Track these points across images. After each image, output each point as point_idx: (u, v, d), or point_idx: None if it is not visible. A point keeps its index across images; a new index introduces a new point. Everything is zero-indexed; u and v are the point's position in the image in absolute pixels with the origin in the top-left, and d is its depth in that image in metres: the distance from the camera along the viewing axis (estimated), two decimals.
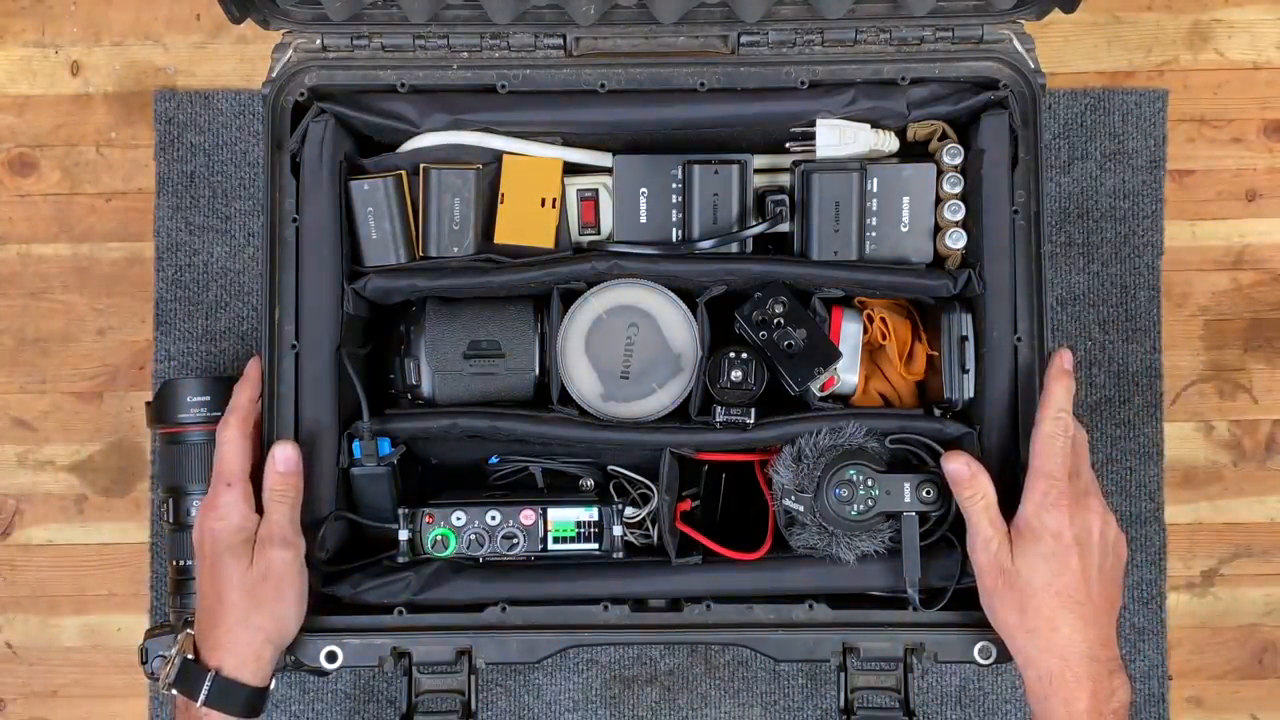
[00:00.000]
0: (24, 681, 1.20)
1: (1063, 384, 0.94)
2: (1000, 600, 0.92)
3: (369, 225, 1.02)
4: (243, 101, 1.20)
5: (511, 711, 1.19)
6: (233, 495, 0.94)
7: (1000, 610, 0.92)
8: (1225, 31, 1.21)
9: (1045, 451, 0.93)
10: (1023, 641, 0.91)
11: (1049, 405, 0.94)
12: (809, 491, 0.98)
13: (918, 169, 1.02)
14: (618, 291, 1.03)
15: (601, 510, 1.00)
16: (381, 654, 0.97)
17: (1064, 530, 0.91)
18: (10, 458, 1.21)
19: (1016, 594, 0.91)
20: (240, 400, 0.97)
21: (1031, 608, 0.90)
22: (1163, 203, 1.20)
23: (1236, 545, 1.20)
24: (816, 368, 1.01)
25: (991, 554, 0.92)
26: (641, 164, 1.03)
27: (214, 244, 1.20)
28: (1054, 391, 0.94)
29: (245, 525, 0.94)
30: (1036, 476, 0.93)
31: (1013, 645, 0.92)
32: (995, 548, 0.92)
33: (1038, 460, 0.93)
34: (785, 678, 1.19)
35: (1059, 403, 0.94)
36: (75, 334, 1.21)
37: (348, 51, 1.01)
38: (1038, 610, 0.90)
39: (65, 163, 1.21)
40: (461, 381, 1.03)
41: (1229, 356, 1.21)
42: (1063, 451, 0.92)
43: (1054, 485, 0.92)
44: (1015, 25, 1.00)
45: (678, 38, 1.01)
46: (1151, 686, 1.19)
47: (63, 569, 1.20)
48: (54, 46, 1.22)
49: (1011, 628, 0.91)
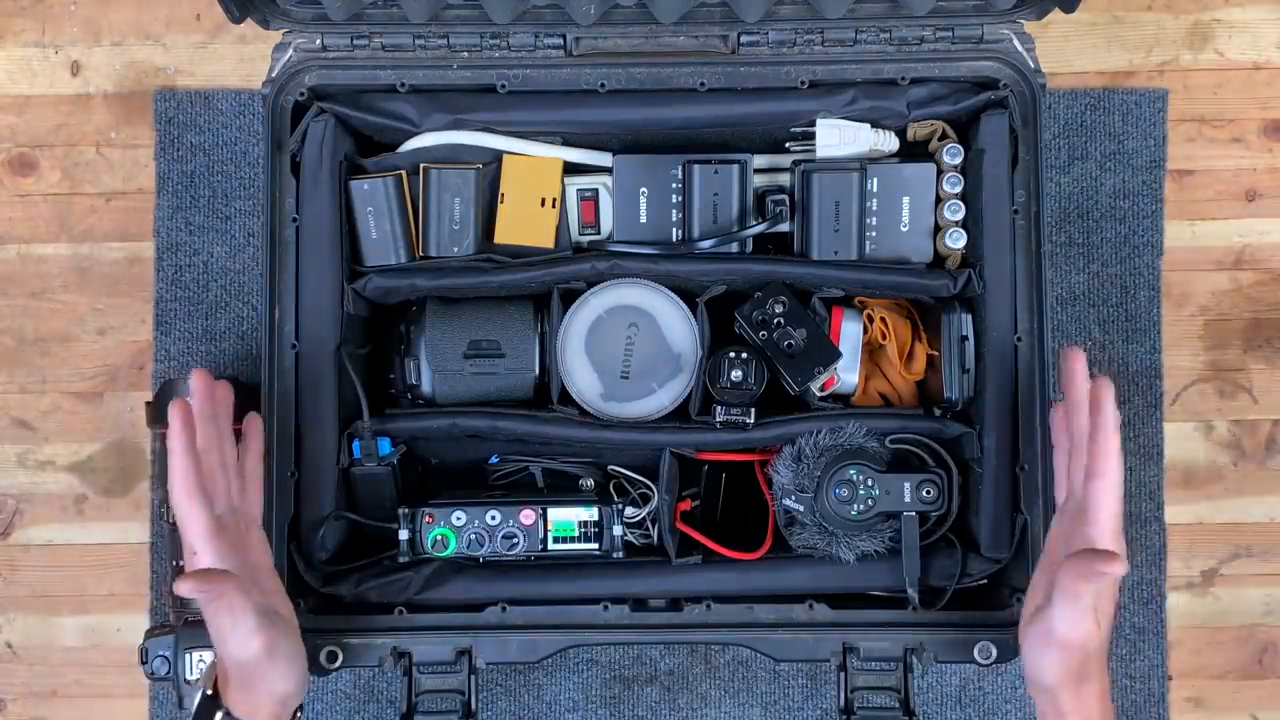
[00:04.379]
0: (24, 681, 1.20)
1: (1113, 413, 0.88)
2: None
3: (369, 225, 1.02)
4: (243, 101, 1.20)
5: (511, 711, 1.19)
6: (202, 563, 0.89)
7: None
8: (1225, 31, 1.21)
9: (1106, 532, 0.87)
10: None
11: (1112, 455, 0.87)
12: (809, 491, 0.98)
13: (918, 169, 1.02)
14: (618, 291, 1.03)
15: (601, 510, 1.00)
16: (381, 654, 0.97)
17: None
18: (10, 458, 1.21)
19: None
20: (174, 461, 0.89)
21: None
22: (1163, 203, 1.20)
23: (1236, 545, 1.20)
24: (816, 368, 1.01)
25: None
26: (641, 164, 1.03)
27: (214, 244, 1.20)
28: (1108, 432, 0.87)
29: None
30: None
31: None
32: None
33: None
34: (785, 678, 1.18)
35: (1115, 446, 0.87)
36: (75, 334, 1.21)
37: (348, 51, 1.01)
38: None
39: (65, 163, 1.21)
40: (461, 381, 1.04)
41: (1229, 356, 1.21)
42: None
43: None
44: (1015, 25, 1.00)
45: (678, 38, 1.01)
46: (1151, 686, 1.19)
47: (63, 569, 1.20)
48: (54, 46, 1.22)
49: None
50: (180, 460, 0.88)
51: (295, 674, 0.91)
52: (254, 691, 0.89)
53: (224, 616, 0.87)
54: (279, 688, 0.90)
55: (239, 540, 0.92)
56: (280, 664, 0.90)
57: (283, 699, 0.90)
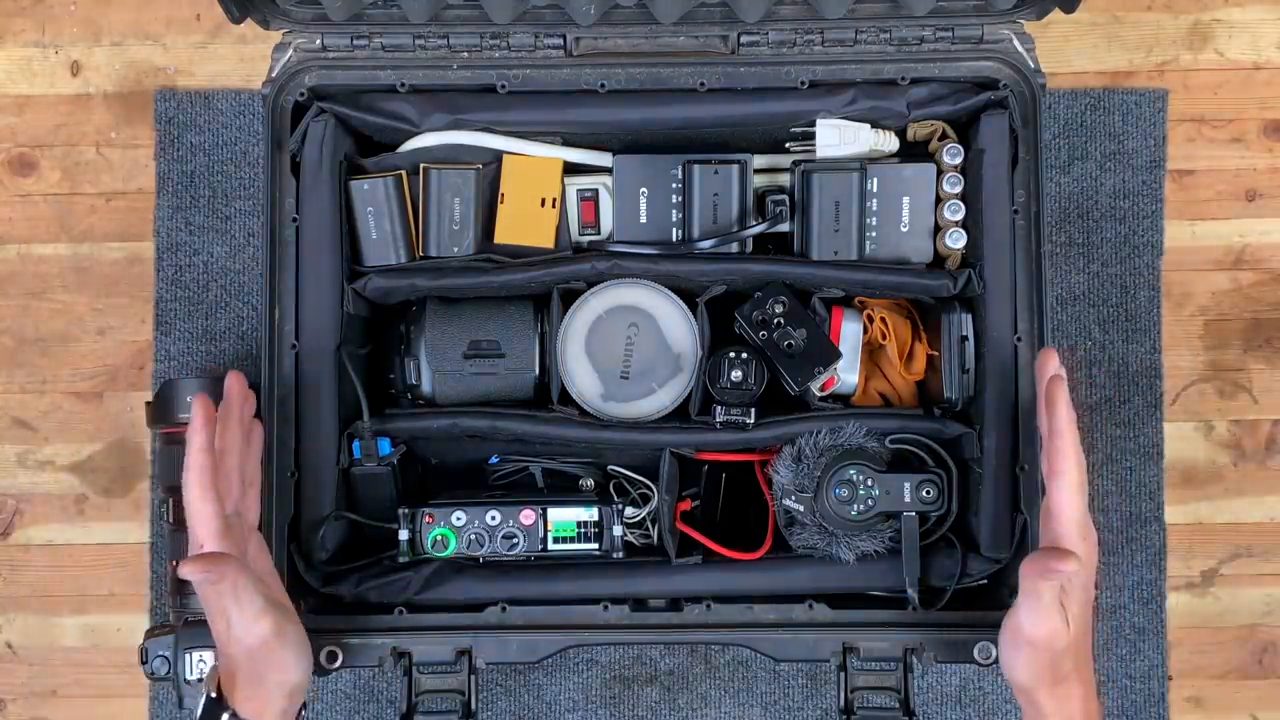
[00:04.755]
0: (24, 681, 1.20)
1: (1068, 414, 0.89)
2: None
3: (369, 225, 1.02)
4: (243, 101, 1.20)
5: (511, 711, 1.19)
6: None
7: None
8: (1225, 31, 1.21)
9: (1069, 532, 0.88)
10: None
11: (1070, 455, 0.88)
12: (809, 491, 0.98)
13: (918, 169, 1.02)
14: (618, 291, 1.03)
15: (601, 510, 1.00)
16: (381, 654, 0.97)
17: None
18: (10, 458, 1.21)
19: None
20: (191, 456, 0.88)
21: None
22: (1163, 203, 1.20)
23: (1236, 545, 1.20)
24: (816, 368, 1.01)
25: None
26: (641, 164, 1.03)
27: (214, 244, 1.20)
28: (1063, 431, 0.88)
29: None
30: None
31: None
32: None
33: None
34: (785, 678, 1.18)
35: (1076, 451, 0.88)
36: (75, 334, 1.21)
37: (348, 51, 1.01)
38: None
39: (65, 163, 1.21)
40: (461, 381, 1.03)
41: (1229, 356, 1.21)
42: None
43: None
44: (1015, 25, 1.00)
45: (678, 38, 1.01)
46: (1151, 686, 1.19)
47: (63, 569, 1.20)
48: (54, 46, 1.22)
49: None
50: (198, 457, 0.88)
51: (304, 663, 0.91)
52: (263, 684, 0.89)
53: (228, 599, 0.87)
54: (289, 677, 0.90)
55: (243, 542, 0.92)
56: (290, 649, 0.90)
57: (291, 691, 0.90)
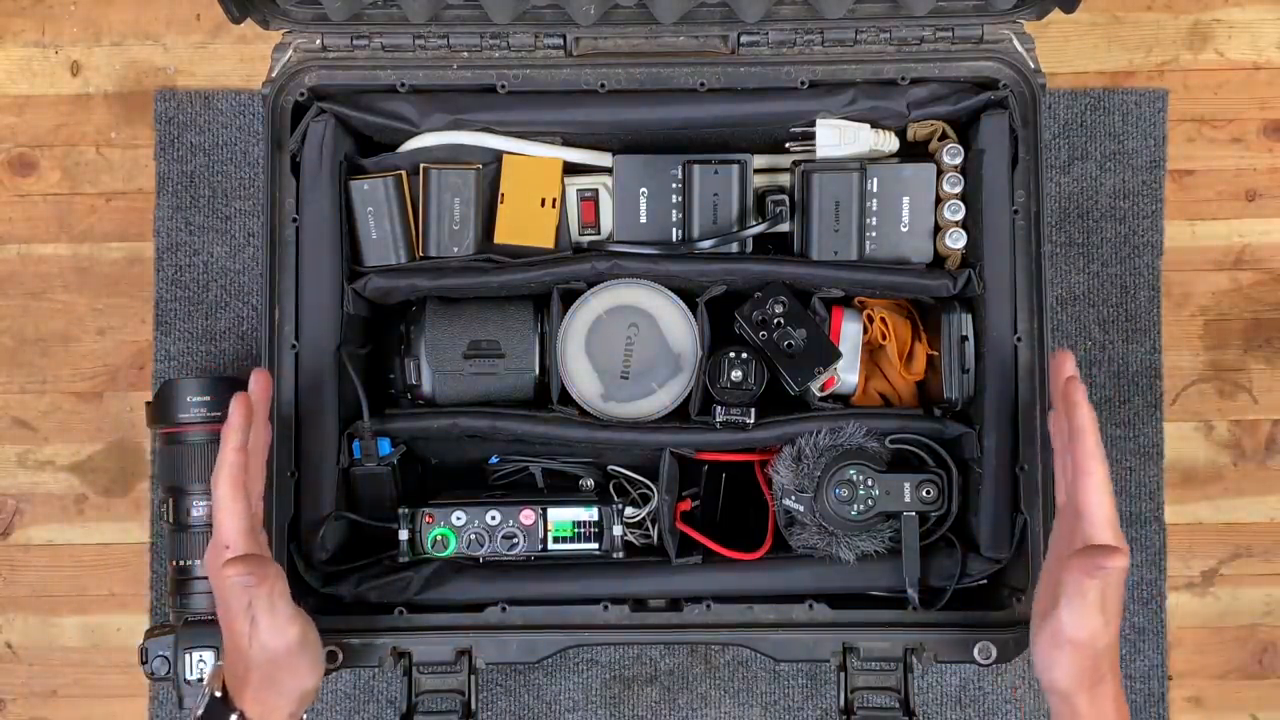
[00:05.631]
0: (24, 681, 1.20)
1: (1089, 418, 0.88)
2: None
3: (369, 225, 1.02)
4: (243, 101, 1.20)
5: (511, 711, 1.19)
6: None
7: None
8: (1225, 31, 1.21)
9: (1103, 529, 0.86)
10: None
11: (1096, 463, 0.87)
12: (809, 491, 0.98)
13: (918, 169, 1.02)
14: (618, 291, 1.03)
15: (601, 510, 1.00)
16: (381, 654, 0.97)
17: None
18: (10, 458, 1.21)
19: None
20: (226, 454, 0.88)
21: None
22: (1163, 203, 1.20)
23: (1236, 545, 1.20)
24: (816, 368, 1.01)
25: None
26: (641, 164, 1.03)
27: (214, 244, 1.20)
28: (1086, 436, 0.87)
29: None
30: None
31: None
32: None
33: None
34: (785, 678, 1.19)
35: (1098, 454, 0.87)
36: (75, 334, 1.21)
37: (348, 51, 1.01)
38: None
39: (65, 163, 1.21)
40: (461, 381, 1.03)
41: (1229, 356, 1.21)
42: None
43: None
44: (1015, 25, 1.00)
45: (678, 38, 1.01)
46: (1151, 686, 1.19)
47: (63, 569, 1.20)
48: (54, 46, 1.22)
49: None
50: (233, 455, 0.88)
51: (319, 671, 0.92)
52: (277, 688, 0.89)
53: (261, 603, 0.87)
54: (305, 682, 0.90)
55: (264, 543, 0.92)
56: (309, 656, 0.90)
57: (303, 696, 0.90)
